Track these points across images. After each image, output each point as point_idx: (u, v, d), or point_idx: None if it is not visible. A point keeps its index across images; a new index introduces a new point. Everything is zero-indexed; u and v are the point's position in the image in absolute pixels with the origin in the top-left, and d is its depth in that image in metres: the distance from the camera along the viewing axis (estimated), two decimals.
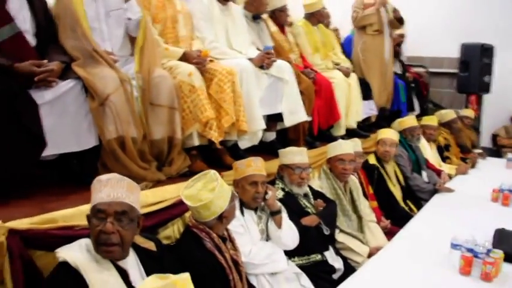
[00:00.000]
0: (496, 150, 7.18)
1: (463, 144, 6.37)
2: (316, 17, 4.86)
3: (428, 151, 5.49)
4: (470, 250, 2.84)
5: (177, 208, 2.62)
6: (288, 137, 4.02)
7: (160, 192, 2.68)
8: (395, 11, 5.54)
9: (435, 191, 4.61)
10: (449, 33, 7.40)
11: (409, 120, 5.10)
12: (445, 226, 3.50)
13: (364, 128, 5.13)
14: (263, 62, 3.53)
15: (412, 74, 6.71)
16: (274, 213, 2.81)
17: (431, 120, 5.63)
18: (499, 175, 5.10)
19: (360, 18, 5.36)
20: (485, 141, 7.59)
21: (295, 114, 3.74)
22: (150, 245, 1.91)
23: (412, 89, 6.36)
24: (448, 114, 6.18)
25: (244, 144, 3.58)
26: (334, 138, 4.36)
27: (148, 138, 2.87)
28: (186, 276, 1.46)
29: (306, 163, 3.17)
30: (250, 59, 3.53)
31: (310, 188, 3.37)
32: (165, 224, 2.67)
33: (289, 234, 2.83)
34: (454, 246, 2.98)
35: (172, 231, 2.69)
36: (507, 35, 7.21)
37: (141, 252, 1.86)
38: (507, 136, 7.21)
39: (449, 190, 4.66)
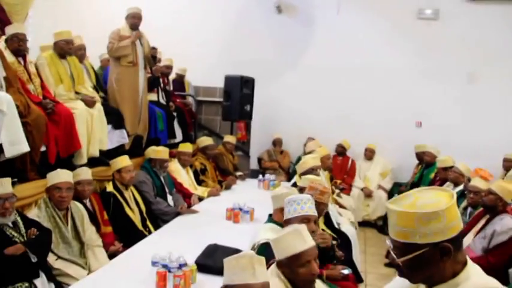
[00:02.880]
0: (262, 172, 7.89)
1: (224, 167, 6.93)
2: (59, 49, 4.92)
3: (183, 175, 5.89)
4: (164, 266, 3.18)
5: None
6: (15, 167, 4.02)
7: None
8: (153, 48, 5.85)
9: (178, 213, 4.96)
10: (222, 66, 7.99)
11: (162, 153, 5.32)
12: (167, 245, 3.74)
13: (117, 156, 5.30)
14: None
15: (178, 104, 7.12)
16: None
17: (186, 147, 6.03)
18: (248, 195, 5.68)
19: (114, 49, 5.54)
20: (254, 164, 8.33)
21: (17, 145, 3.74)
22: None
23: (173, 117, 6.74)
24: (204, 140, 6.64)
25: None
26: (75, 167, 4.47)
27: None
28: None
29: (7, 193, 3.22)
30: None
31: (23, 217, 3.43)
32: None
33: None
34: (153, 263, 3.32)
35: None
36: (265, 68, 8.08)
37: None
38: (269, 159, 8.00)
39: (193, 212, 5.07)
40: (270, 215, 3.61)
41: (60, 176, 3.72)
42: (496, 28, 7.55)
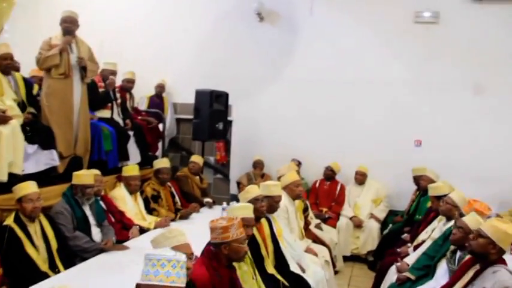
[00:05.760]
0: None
1: (189, 192, 6.11)
2: None
3: (129, 203, 5.10)
4: None
5: None
6: None
7: None
8: (80, 58, 5.05)
9: (103, 250, 4.14)
10: (200, 80, 7.18)
11: (84, 178, 4.38)
12: None
13: (47, 180, 4.58)
14: None
15: (138, 121, 6.36)
16: None
17: (131, 171, 5.21)
18: (205, 226, 4.80)
19: (42, 60, 4.80)
20: (234, 188, 7.49)
21: None
22: None
23: (128, 137, 5.96)
24: (158, 163, 5.73)
25: None
26: None
27: None
28: None
29: None
30: None
31: None
32: None
33: None
34: None
35: None
36: (246, 82, 7.33)
37: None
38: (249, 183, 7.05)
39: (121, 248, 4.25)
40: None
41: None
42: (506, 31, 6.50)
